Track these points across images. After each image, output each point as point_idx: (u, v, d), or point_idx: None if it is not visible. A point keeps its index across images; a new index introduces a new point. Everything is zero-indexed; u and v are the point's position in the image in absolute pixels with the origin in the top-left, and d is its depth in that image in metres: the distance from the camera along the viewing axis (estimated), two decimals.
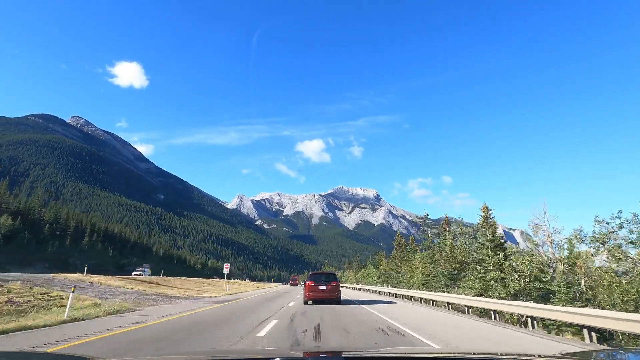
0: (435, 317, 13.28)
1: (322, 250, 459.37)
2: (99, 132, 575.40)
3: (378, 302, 21.71)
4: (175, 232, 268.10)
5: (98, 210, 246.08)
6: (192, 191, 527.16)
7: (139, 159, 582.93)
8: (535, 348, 7.44)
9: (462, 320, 12.66)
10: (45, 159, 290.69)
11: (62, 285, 20.49)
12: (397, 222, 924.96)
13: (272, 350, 4.61)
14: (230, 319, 10.87)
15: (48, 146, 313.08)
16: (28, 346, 6.21)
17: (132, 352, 5.74)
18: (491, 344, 7.72)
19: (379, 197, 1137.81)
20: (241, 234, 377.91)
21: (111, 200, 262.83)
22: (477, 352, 2.66)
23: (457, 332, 9.40)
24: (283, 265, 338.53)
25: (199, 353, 4.04)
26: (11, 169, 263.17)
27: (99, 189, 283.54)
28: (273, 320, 10.40)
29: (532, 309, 10.79)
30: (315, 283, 17.77)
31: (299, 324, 9.62)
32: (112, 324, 8.99)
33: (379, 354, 2.82)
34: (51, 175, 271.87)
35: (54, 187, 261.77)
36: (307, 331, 8.38)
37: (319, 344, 6.95)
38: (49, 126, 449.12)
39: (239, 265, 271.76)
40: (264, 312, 12.91)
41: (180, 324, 9.40)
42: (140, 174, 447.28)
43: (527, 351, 6.69)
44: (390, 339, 7.77)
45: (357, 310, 14.51)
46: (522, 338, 8.79)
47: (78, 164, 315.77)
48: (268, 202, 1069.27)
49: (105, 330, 7.95)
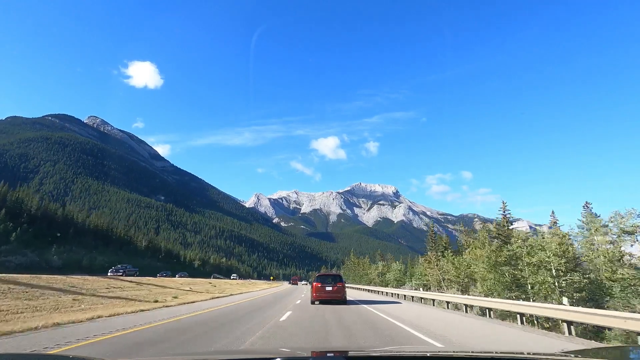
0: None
1: (341, 247, 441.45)
2: (115, 132, 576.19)
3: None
4: (186, 228, 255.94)
5: (106, 207, 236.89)
6: (207, 189, 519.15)
7: (154, 158, 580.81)
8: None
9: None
10: (56, 156, 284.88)
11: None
12: (417, 219, 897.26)
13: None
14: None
15: (60, 143, 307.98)
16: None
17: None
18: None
19: (398, 194, 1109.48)
20: (256, 230, 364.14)
21: (120, 196, 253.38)
22: (482, 351, 2.68)
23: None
24: (300, 262, 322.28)
25: (204, 353, 4.22)
26: (21, 166, 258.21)
27: (108, 185, 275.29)
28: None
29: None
30: (322, 284, 18.39)
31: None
32: None
33: (384, 354, 2.81)
34: (61, 171, 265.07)
35: (63, 183, 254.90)
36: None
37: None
38: (65, 126, 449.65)
39: (252, 263, 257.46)
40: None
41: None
42: (154, 171, 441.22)
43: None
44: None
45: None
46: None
47: (89, 160, 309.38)
48: (285, 200, 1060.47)
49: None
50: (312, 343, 7.28)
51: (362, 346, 6.76)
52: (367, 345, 7.02)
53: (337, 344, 7.19)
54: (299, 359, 2.43)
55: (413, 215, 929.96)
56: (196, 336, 8.02)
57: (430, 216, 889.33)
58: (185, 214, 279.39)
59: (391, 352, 2.99)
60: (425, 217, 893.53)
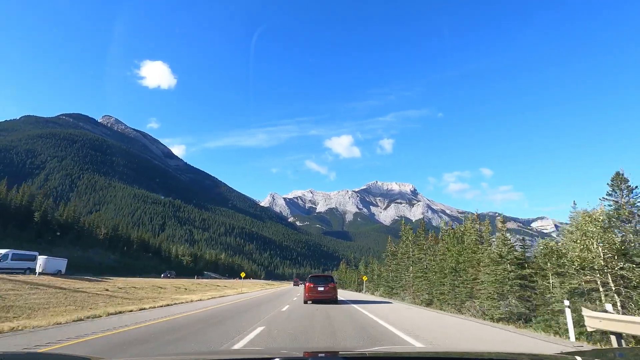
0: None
1: (358, 246, 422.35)
2: (129, 130, 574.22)
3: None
4: (194, 225, 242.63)
5: (111, 203, 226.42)
6: (220, 187, 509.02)
7: (168, 156, 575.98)
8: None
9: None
10: (64, 152, 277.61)
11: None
12: (436, 217, 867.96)
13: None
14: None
15: (68, 139, 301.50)
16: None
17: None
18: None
19: (416, 192, 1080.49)
20: (269, 228, 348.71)
21: (126, 192, 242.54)
22: (470, 351, 2.64)
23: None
24: (315, 261, 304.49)
25: (199, 353, 4.17)
26: (27, 162, 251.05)
27: (116, 181, 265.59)
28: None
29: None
30: (314, 284, 18.51)
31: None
32: None
33: (375, 354, 2.79)
34: (67, 167, 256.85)
35: (68, 179, 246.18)
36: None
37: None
38: (79, 124, 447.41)
39: (263, 261, 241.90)
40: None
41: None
42: (166, 169, 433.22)
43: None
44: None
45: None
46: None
47: (98, 156, 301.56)
48: (301, 199, 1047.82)
49: None
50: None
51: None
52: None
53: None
54: (292, 359, 2.42)
55: (432, 213, 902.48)
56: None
57: (449, 214, 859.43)
58: (194, 211, 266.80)
59: (382, 352, 2.93)
60: (445, 216, 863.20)
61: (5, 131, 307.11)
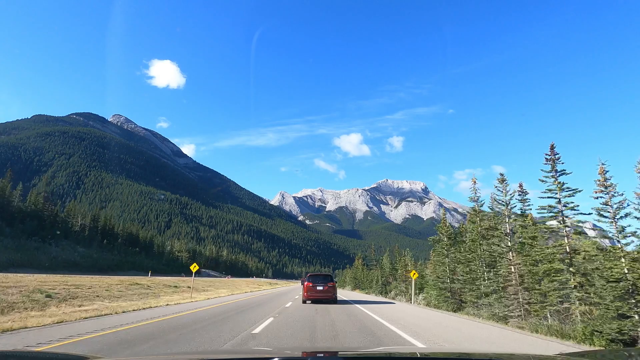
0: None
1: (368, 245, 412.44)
2: (139, 129, 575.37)
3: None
4: (201, 222, 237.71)
5: (117, 200, 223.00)
6: (229, 185, 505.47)
7: (177, 155, 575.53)
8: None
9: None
10: (72, 149, 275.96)
11: None
12: (449, 216, 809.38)
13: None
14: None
15: (77, 137, 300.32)
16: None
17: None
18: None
19: (427, 190, 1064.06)
20: (278, 226, 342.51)
21: (133, 189, 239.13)
22: (470, 352, 2.62)
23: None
24: (325, 260, 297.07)
25: (197, 353, 4.16)
26: (35, 159, 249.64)
27: (123, 178, 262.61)
28: None
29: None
30: (313, 284, 18.05)
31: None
32: None
33: (374, 354, 2.78)
34: (74, 164, 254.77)
35: (75, 176, 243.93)
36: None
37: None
38: (89, 123, 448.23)
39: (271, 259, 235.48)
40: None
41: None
42: (175, 167, 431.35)
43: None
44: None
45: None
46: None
47: (106, 154, 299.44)
48: (310, 198, 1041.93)
49: None
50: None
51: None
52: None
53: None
54: (291, 359, 2.42)
55: (444, 212, 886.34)
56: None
57: (462, 213, 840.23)
58: (201, 208, 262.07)
59: (381, 353, 2.91)
60: (457, 214, 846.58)
61: (15, 130, 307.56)
